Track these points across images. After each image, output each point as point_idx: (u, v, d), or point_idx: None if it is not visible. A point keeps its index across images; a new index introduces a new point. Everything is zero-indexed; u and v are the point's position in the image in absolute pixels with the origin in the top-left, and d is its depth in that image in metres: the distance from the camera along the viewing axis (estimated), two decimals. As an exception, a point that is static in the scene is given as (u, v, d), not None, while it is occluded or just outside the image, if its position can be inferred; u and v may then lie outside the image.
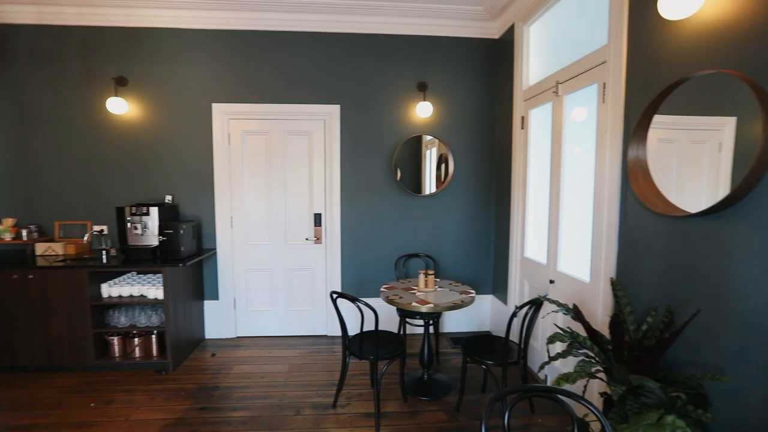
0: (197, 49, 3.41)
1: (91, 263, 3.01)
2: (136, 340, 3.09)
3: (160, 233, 3.08)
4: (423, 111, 3.51)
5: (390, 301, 2.56)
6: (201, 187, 3.53)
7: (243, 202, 3.59)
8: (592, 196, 2.28)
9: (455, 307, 2.47)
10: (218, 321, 3.66)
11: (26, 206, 3.46)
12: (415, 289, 2.79)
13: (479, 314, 3.84)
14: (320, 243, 3.67)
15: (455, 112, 3.65)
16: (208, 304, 3.64)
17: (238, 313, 3.69)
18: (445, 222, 3.74)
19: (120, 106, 3.32)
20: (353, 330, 2.72)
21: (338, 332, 3.68)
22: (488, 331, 3.84)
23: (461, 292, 2.73)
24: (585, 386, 1.89)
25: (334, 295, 2.40)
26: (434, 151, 3.66)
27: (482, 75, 3.64)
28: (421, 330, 3.65)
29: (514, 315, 2.19)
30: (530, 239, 3.19)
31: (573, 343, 1.80)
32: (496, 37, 3.59)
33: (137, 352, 3.10)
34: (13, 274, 2.90)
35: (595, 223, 2.26)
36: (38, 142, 3.42)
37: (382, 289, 2.79)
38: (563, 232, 2.68)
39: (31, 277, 2.90)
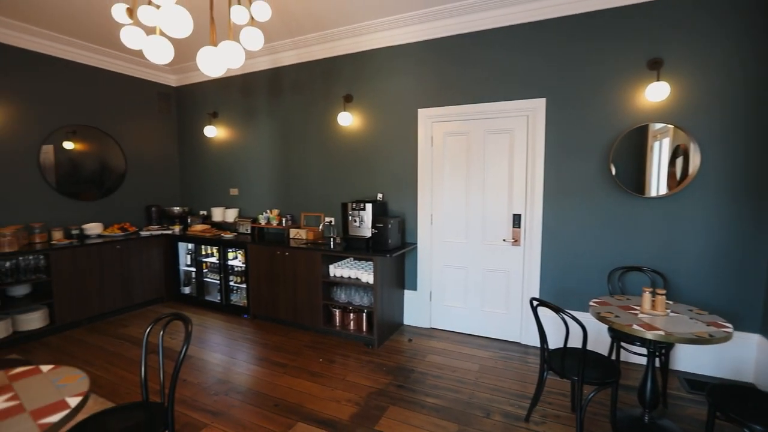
0: (407, 60, 3.78)
1: (323, 248, 3.75)
2: (351, 315, 3.68)
3: (373, 226, 3.57)
4: (655, 94, 2.86)
5: (602, 319, 2.19)
6: (406, 187, 3.90)
7: (442, 201, 3.77)
8: None
9: (699, 341, 1.91)
10: (415, 310, 3.97)
11: (285, 200, 4.62)
12: (636, 310, 2.31)
13: (735, 357, 2.87)
14: (518, 245, 3.48)
15: (704, 90, 2.83)
16: (408, 294, 4.00)
17: (433, 305, 3.91)
18: (683, 231, 2.95)
19: (346, 119, 4.01)
20: (553, 343, 2.47)
21: (533, 341, 3.42)
22: (751, 384, 2.83)
23: (708, 323, 2.09)
24: None
25: (535, 302, 2.23)
26: (666, 142, 2.93)
27: (749, 35, 2.69)
28: (640, 360, 3.01)
29: (809, 368, 1.53)
30: (841, 263, 2.17)
31: None
32: (785, -22, 2.59)
33: (352, 325, 3.68)
34: (277, 250, 3.91)
35: None
36: (294, 152, 4.50)
37: (591, 304, 2.43)
38: None
39: (287, 254, 3.85)
